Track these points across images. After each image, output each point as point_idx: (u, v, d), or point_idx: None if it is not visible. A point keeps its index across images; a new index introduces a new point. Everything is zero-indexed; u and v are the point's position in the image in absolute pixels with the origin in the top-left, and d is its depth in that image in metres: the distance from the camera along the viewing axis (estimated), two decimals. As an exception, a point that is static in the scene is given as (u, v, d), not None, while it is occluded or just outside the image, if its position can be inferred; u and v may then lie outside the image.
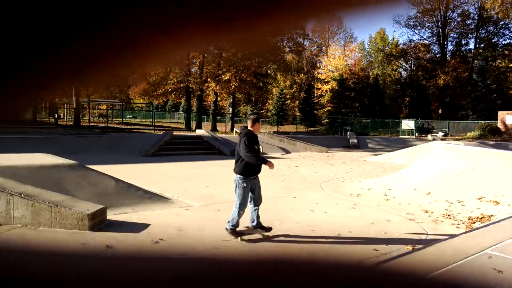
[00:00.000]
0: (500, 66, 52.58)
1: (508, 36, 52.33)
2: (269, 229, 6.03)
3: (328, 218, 7.35)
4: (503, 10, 46.79)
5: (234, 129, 33.01)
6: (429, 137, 33.61)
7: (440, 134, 35.26)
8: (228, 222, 5.86)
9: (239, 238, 5.80)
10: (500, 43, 52.78)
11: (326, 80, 56.52)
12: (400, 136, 36.82)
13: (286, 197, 9.37)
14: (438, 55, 55.63)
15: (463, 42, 55.11)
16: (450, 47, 55.97)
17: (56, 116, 32.08)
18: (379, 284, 0.66)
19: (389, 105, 55.09)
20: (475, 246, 3.80)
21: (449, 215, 7.59)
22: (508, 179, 8.46)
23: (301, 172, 14.55)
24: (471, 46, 55.00)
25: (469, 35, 54.26)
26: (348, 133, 34.04)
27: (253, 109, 57.13)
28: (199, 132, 26.36)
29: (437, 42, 55.83)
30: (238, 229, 5.91)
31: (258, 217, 6.02)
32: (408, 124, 38.74)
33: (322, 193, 10.16)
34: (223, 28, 0.55)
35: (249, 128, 6.05)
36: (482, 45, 52.88)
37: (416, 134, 37.20)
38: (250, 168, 5.81)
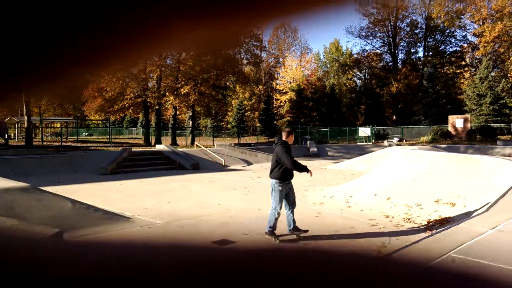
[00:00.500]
0: (448, 72, 55.36)
1: (454, 44, 55.30)
2: (305, 231, 6.67)
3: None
4: (448, 19, 49.39)
5: (195, 142, 32.67)
6: (385, 143, 34.62)
7: (395, 139, 36.43)
8: (267, 225, 6.50)
9: (278, 239, 6.44)
10: (447, 50, 55.69)
11: (284, 91, 57.41)
12: (358, 143, 37.74)
13: (250, 209, 9.29)
14: (390, 64, 57.85)
15: (412, 50, 57.78)
16: (401, 56, 58.46)
17: (6, 137, 30.59)
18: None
19: (346, 113, 56.50)
20: (439, 250, 3.88)
21: (409, 219, 7.78)
22: (461, 181, 8.80)
23: (264, 183, 14.53)
24: (420, 54, 57.79)
25: (418, 43, 56.91)
26: (308, 142, 34.47)
27: (213, 122, 57.00)
28: (158, 147, 25.90)
29: (388, 51, 58.08)
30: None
31: (294, 221, 6.62)
32: (364, 131, 39.80)
33: (285, 203, 10.16)
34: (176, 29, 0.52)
35: (283, 139, 6.71)
36: (430, 53, 55.50)
37: (373, 141, 38.26)
38: (286, 174, 6.53)
